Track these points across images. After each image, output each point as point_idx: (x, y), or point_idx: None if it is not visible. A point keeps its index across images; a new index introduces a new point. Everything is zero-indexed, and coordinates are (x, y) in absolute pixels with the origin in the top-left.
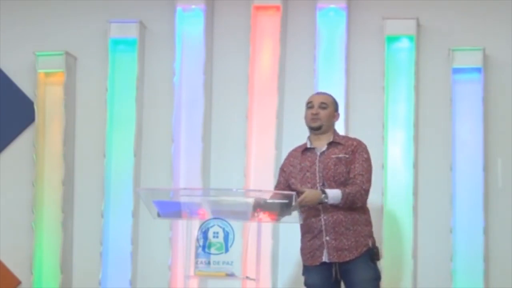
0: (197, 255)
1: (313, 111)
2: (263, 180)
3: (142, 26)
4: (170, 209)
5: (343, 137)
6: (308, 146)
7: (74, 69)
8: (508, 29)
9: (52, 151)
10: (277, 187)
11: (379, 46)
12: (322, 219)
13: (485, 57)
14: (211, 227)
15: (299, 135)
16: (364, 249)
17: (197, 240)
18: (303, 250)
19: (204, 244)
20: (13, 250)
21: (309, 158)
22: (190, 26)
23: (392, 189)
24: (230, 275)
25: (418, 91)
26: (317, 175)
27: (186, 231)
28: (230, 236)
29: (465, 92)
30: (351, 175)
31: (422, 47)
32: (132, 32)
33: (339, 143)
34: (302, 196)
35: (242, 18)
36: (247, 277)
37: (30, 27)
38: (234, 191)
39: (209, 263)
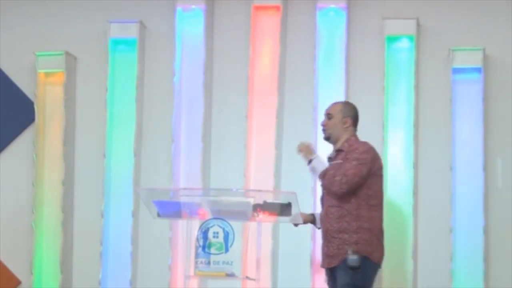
0: (197, 255)
1: (322, 122)
2: (263, 180)
3: (142, 26)
4: (170, 209)
5: (354, 143)
6: (328, 155)
7: (74, 69)
8: (508, 29)
9: (52, 151)
10: None
11: (379, 46)
12: (323, 226)
13: (485, 57)
14: (211, 227)
15: (299, 135)
16: (344, 256)
17: (197, 240)
18: None
19: (204, 244)
20: (13, 250)
21: None
22: (190, 26)
23: (392, 189)
24: (230, 275)
25: (418, 91)
26: None
27: (186, 231)
28: (230, 236)
29: (465, 92)
30: None
31: (422, 47)
32: (132, 32)
33: (342, 150)
34: (304, 145)
35: (242, 18)
36: (247, 277)
37: (30, 27)
38: (234, 191)
39: (209, 263)
